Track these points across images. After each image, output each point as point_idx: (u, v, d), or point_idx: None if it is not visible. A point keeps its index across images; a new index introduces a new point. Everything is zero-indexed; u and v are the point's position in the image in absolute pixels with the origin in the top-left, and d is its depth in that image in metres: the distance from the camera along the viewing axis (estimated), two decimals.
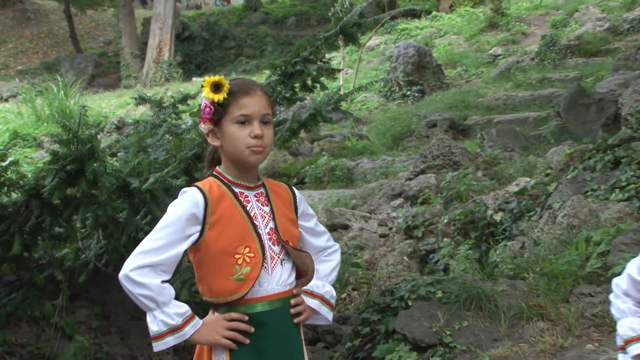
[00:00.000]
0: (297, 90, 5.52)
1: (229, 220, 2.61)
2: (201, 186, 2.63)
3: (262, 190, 2.73)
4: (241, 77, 2.82)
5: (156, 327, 2.53)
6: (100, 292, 5.54)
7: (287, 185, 2.86)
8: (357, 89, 7.57)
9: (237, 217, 2.63)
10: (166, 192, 4.79)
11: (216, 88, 2.59)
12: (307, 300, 2.78)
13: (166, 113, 6.34)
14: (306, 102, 7.65)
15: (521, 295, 5.36)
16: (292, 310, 2.69)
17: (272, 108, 2.71)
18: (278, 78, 5.48)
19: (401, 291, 5.42)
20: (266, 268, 2.63)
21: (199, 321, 2.60)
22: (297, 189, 2.86)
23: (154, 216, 4.73)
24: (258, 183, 2.74)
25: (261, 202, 2.70)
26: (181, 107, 6.40)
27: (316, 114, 5.50)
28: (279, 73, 5.49)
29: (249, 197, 2.68)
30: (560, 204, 6.67)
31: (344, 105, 10.61)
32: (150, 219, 4.88)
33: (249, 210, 2.66)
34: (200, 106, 2.67)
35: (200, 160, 5.16)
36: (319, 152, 13.63)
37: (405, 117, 15.49)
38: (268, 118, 2.65)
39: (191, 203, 2.58)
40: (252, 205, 2.68)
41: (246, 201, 2.67)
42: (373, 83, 15.46)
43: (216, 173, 2.71)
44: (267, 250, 2.64)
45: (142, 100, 6.90)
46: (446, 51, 22.19)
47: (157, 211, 4.72)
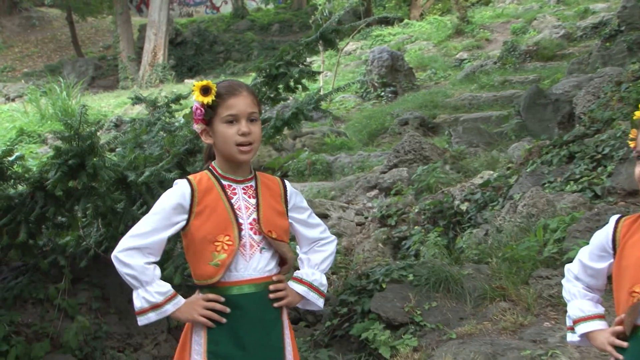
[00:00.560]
0: (281, 91, 5.51)
1: (213, 210, 2.62)
2: (191, 178, 2.65)
3: (252, 183, 2.72)
4: (228, 79, 2.82)
5: (139, 304, 2.58)
6: (100, 276, 5.53)
7: (281, 179, 2.83)
8: (336, 90, 7.57)
9: (221, 208, 2.63)
10: (160, 185, 4.77)
11: (205, 91, 2.60)
12: (296, 286, 2.76)
13: (160, 112, 6.32)
14: (289, 102, 7.61)
15: (485, 278, 5.38)
16: (271, 295, 2.67)
17: (258, 106, 2.70)
18: (263, 80, 5.47)
19: (376, 275, 5.43)
20: (244, 255, 2.63)
21: (181, 300, 2.62)
22: (288, 182, 2.84)
23: (149, 207, 4.64)
24: (248, 177, 2.72)
25: (248, 195, 2.69)
26: (174, 107, 6.38)
27: (298, 113, 5.50)
28: (264, 75, 5.48)
29: (237, 190, 2.68)
30: (520, 195, 6.69)
31: (324, 104, 10.57)
32: (145, 209, 4.85)
33: (234, 202, 2.65)
34: (191, 108, 2.67)
35: (192, 155, 5.15)
36: (301, 148, 13.60)
37: (379, 116, 15.48)
38: (254, 116, 2.64)
39: (179, 194, 2.62)
40: (239, 197, 2.67)
41: (233, 193, 2.66)
42: (350, 84, 15.36)
43: (210, 167, 2.71)
44: (247, 239, 2.63)
45: (138, 100, 6.86)
46: (417, 56, 22.19)
47: (152, 202, 4.63)
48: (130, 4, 34.62)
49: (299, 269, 2.85)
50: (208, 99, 2.59)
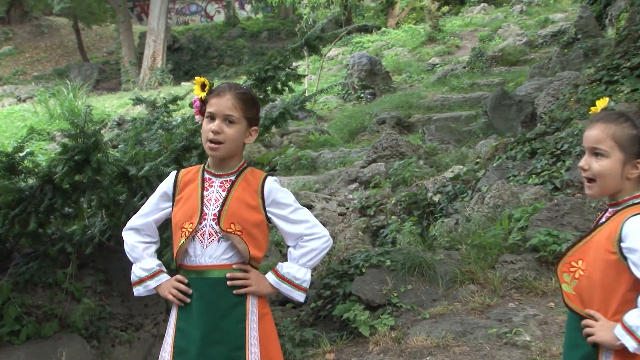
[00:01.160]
0: (269, 92, 5.49)
1: (187, 200, 2.65)
2: (181, 171, 2.73)
3: (232, 178, 2.65)
4: (227, 82, 2.81)
5: (132, 277, 2.72)
6: (104, 262, 5.50)
7: (265, 176, 2.69)
8: (320, 92, 7.56)
9: (193, 198, 2.64)
10: (159, 178, 4.73)
11: (203, 87, 2.65)
12: (269, 276, 2.68)
13: (159, 112, 6.31)
14: (277, 103, 7.57)
15: (455, 263, 5.39)
16: (229, 282, 2.59)
17: (242, 111, 2.59)
18: (253, 82, 5.44)
19: (356, 260, 5.42)
20: (202, 242, 2.59)
21: (164, 277, 2.69)
22: (270, 176, 2.75)
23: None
24: (230, 172, 2.65)
25: (223, 189, 2.63)
26: (172, 107, 6.36)
27: (285, 113, 5.49)
28: (254, 78, 5.45)
29: (214, 183, 2.65)
30: (487, 187, 6.71)
31: (309, 105, 10.52)
32: (145, 201, 4.83)
33: (207, 194, 2.63)
34: (192, 100, 2.72)
35: (188, 151, 5.13)
36: (288, 145, 13.56)
37: (359, 116, 15.47)
38: (232, 118, 2.56)
39: (166, 184, 2.73)
40: (213, 190, 2.63)
41: (210, 186, 2.64)
42: (333, 87, 15.45)
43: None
44: (207, 227, 2.59)
45: (139, 101, 6.84)
46: (393, 60, 22.17)
47: (151, 194, 4.67)
48: (131, 13, 34.46)
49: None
50: (202, 95, 2.64)
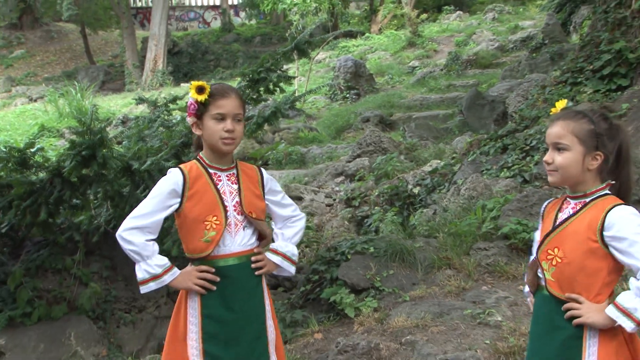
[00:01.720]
0: (262, 92, 5.48)
1: (203, 195, 2.60)
2: (183, 167, 2.64)
3: (234, 171, 2.70)
4: (220, 82, 2.80)
5: (141, 275, 2.56)
6: (109, 250, 5.50)
7: (258, 167, 2.81)
8: (308, 92, 7.56)
9: (209, 193, 2.61)
10: (160, 172, 4.76)
11: (200, 90, 2.58)
12: (272, 256, 2.75)
13: (160, 111, 6.30)
14: (269, 102, 7.55)
15: (433, 249, 5.39)
16: (253, 265, 2.67)
17: (244, 108, 2.69)
18: (247, 83, 5.45)
19: (342, 248, 5.42)
20: (230, 232, 2.61)
21: (177, 271, 2.61)
22: (264, 170, 2.83)
23: (151, 191, 4.69)
24: (231, 165, 2.70)
25: (231, 181, 2.67)
26: (172, 106, 6.35)
27: (277, 111, 5.49)
28: (248, 80, 5.45)
29: (221, 177, 2.66)
30: (462, 180, 6.72)
31: (298, 104, 10.50)
32: (147, 193, 4.81)
33: (220, 187, 2.63)
34: (187, 103, 2.66)
35: (187, 147, 5.12)
36: (279, 141, 13.53)
37: (345, 114, 15.45)
38: (239, 117, 2.63)
39: (173, 181, 2.60)
40: (223, 183, 2.65)
41: (218, 180, 2.64)
42: (320, 88, 15.45)
43: (198, 157, 2.69)
44: (232, 218, 2.62)
45: (142, 100, 6.80)
46: (376, 63, 22.15)
47: (153, 187, 4.68)
48: (134, 20, 34.29)
49: (274, 242, 2.85)
50: (202, 97, 2.57)
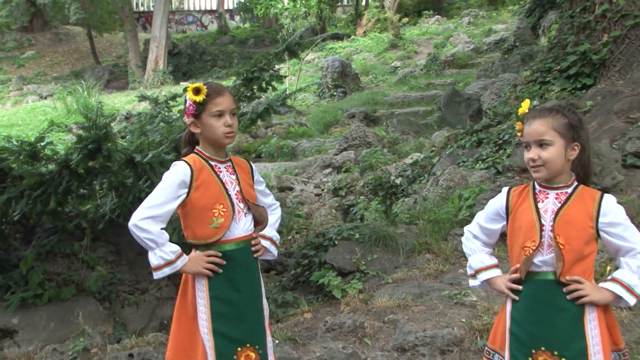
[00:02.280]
0: (255, 90, 5.47)
1: (208, 185, 2.59)
2: (188, 160, 2.61)
3: (230, 163, 2.71)
4: (213, 82, 2.79)
5: (156, 261, 2.52)
6: (114, 236, 5.51)
7: (247, 160, 2.86)
8: (298, 90, 7.51)
9: (214, 183, 2.60)
10: (161, 164, 4.76)
11: (197, 92, 2.57)
12: (262, 241, 2.76)
13: (161, 107, 6.27)
14: (262, 100, 7.52)
15: (414, 235, 5.40)
16: (253, 248, 2.68)
17: (237, 103, 2.71)
18: (241, 82, 5.44)
19: (330, 234, 5.42)
20: (235, 219, 2.62)
21: (186, 257, 2.59)
22: (255, 162, 2.84)
23: (152, 182, 4.73)
24: (227, 158, 2.71)
25: (229, 172, 2.68)
26: (172, 103, 6.32)
27: (269, 108, 5.49)
28: (242, 79, 5.44)
29: (221, 169, 2.66)
30: (441, 172, 6.73)
31: (289, 102, 10.50)
32: (149, 184, 4.85)
33: (222, 178, 2.64)
34: (184, 104, 2.64)
35: None
36: (271, 135, 13.50)
37: (332, 111, 15.43)
38: (235, 111, 2.65)
39: (181, 172, 2.56)
40: (224, 174, 2.65)
41: (219, 171, 2.64)
42: (310, 86, 15.42)
43: (197, 151, 2.67)
44: (236, 206, 2.63)
45: (144, 98, 6.77)
46: (361, 64, 22.10)
47: (154, 178, 4.70)
48: (137, 23, 34.08)
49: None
50: (199, 98, 2.56)
